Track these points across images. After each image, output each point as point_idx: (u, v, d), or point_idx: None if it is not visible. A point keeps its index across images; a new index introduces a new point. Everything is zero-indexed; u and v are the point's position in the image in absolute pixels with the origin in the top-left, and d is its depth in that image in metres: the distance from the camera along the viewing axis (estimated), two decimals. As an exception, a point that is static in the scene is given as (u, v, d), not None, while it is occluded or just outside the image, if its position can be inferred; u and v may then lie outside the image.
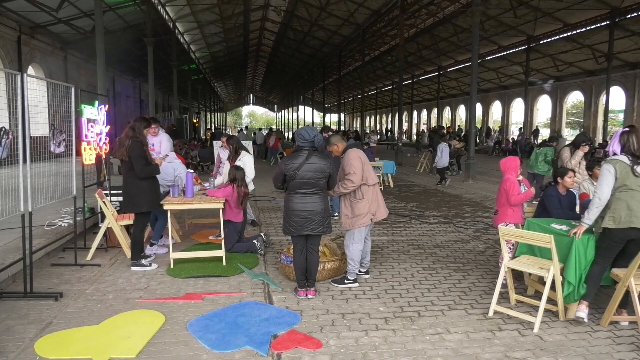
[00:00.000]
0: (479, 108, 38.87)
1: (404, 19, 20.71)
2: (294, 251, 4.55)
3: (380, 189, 12.39)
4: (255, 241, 5.93)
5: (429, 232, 7.40)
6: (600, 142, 21.36)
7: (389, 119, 56.29)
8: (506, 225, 4.55)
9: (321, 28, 29.82)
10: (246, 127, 33.59)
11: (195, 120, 33.00)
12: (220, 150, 7.57)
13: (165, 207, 5.34)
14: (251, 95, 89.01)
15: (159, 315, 3.98)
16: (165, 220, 5.62)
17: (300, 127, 4.86)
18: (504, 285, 4.38)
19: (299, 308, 4.22)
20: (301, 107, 59.00)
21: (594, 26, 21.23)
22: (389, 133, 46.70)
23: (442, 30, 26.25)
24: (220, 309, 4.16)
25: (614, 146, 3.88)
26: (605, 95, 22.40)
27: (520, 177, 4.76)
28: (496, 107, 38.74)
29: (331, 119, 73.43)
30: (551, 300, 4.03)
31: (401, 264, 5.60)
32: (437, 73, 36.62)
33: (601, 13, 20.04)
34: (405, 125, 48.90)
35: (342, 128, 44.76)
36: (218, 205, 5.48)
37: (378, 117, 64.67)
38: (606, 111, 22.54)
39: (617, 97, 25.46)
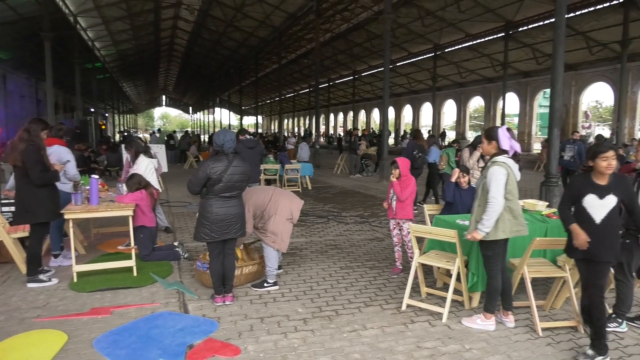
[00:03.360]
0: (391, 111, 40.65)
1: (319, 23, 21.08)
2: (210, 257, 4.41)
3: (298, 190, 12.47)
4: (177, 248, 5.71)
5: (346, 232, 7.58)
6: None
7: (307, 121, 56.95)
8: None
9: (237, 29, 29.42)
10: (159, 129, 32.10)
11: (101, 123, 30.89)
12: (129, 155, 7.17)
13: (66, 217, 4.92)
14: (164, 96, 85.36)
15: (60, 335, 3.66)
16: (61, 228, 5.22)
17: (217, 130, 4.74)
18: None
19: (217, 315, 4.11)
20: (217, 109, 57.72)
21: (491, 37, 23.13)
22: (309, 135, 47.17)
23: (356, 35, 27.09)
24: (131, 322, 3.93)
25: (512, 143, 3.69)
26: (502, 101, 24.52)
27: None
28: (407, 111, 40.77)
29: (249, 121, 72.68)
30: (457, 291, 4.31)
31: (319, 265, 5.67)
32: (352, 77, 37.72)
33: (497, 25, 21.89)
34: (322, 128, 49.74)
35: (259, 131, 44.42)
36: (127, 212, 5.17)
37: (296, 119, 65.18)
38: (503, 115, 24.67)
39: (512, 103, 27.98)
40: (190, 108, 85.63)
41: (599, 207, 3.28)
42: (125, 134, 30.70)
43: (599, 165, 3.25)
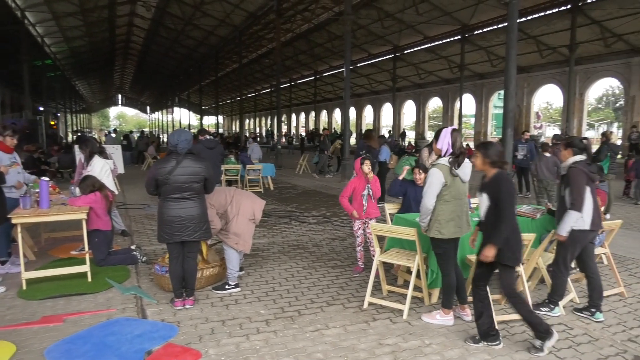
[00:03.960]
0: (352, 112, 41.03)
1: (280, 23, 21.00)
2: (169, 260, 4.31)
3: (260, 191, 12.37)
4: (134, 252, 5.54)
5: (309, 232, 7.58)
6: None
7: (268, 121, 56.67)
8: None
9: (196, 27, 28.90)
10: (115, 129, 31.06)
11: (52, 122, 29.56)
12: (82, 156, 6.91)
13: (14, 221, 4.68)
14: (120, 95, 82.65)
15: (7, 346, 3.47)
16: (8, 234, 4.96)
17: (174, 129, 4.68)
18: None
19: (176, 319, 4.01)
20: (176, 109, 56.48)
21: (448, 40, 23.78)
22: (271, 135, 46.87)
23: (317, 36, 27.20)
24: (85, 330, 3.78)
25: (446, 144, 3.72)
26: (459, 102, 25.26)
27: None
28: (368, 111, 41.30)
29: (209, 121, 71.52)
30: (418, 288, 4.39)
31: (282, 265, 5.65)
32: (313, 77, 37.83)
33: (454, 28, 22.53)
34: (284, 128, 49.60)
35: (220, 131, 43.80)
36: (80, 215, 4.97)
37: (257, 119, 64.72)
38: (460, 115, 25.42)
39: (468, 103, 28.86)
40: (148, 108, 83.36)
41: (481, 204, 3.58)
42: (79, 134, 29.45)
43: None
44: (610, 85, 52.35)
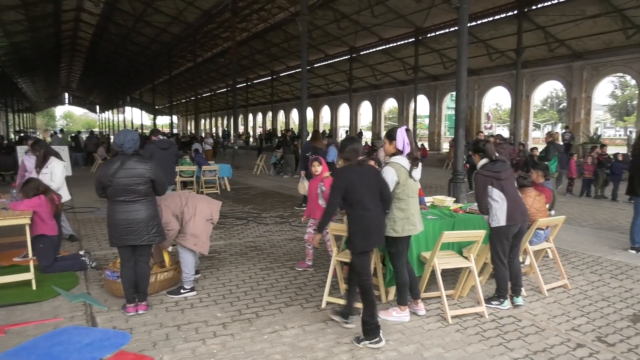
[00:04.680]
0: (310, 112, 41.15)
1: (235, 22, 20.76)
2: (120, 264, 4.16)
3: (217, 192, 12.18)
4: (83, 257, 5.30)
5: (266, 232, 7.53)
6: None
7: (225, 121, 55.87)
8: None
9: (148, 24, 28.02)
10: (61, 129, 29.59)
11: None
12: (25, 157, 6.54)
13: (-52, 227, 4.38)
14: (67, 94, 78.95)
15: (-58, 360, 3.24)
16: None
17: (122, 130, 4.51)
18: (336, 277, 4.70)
19: (129, 326, 3.88)
20: (128, 109, 54.65)
21: (403, 42, 24.26)
22: (227, 136, 46.18)
23: (273, 35, 27.05)
24: (30, 340, 3.58)
25: (405, 144, 3.79)
26: (413, 103, 25.83)
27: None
28: (325, 112, 41.53)
29: (163, 121, 69.62)
30: (375, 286, 4.45)
31: (239, 267, 5.57)
32: (270, 77, 37.62)
33: (408, 31, 23.00)
34: (241, 128, 49.06)
35: (174, 131, 42.76)
36: (23, 220, 4.71)
37: (214, 119, 63.66)
38: (415, 116, 26.03)
39: (423, 104, 29.63)
40: (98, 107, 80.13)
41: None
42: (21, 134, 27.84)
43: None
44: (554, 88, 55.29)
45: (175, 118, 68.94)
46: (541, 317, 4.14)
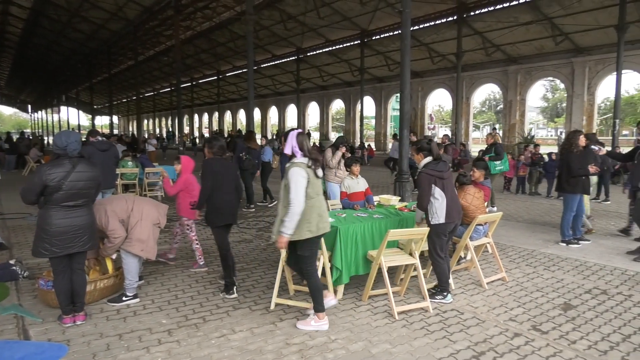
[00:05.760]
0: (257, 113, 40.80)
1: (179, 19, 20.21)
2: (55, 274, 3.91)
3: (162, 195, 11.80)
4: (14, 267, 4.94)
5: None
6: (358, 143, 24.91)
7: (169, 122, 54.24)
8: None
9: (84, 20, 26.67)
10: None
11: None
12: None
13: None
14: (-6, 92, 73.60)
15: None
16: None
17: (60, 130, 4.24)
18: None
19: (66, 338, 3.67)
20: (64, 108, 51.76)
21: (349, 44, 24.61)
22: (172, 137, 44.78)
23: (219, 35, 26.60)
24: (-48, 358, 3.29)
25: (290, 147, 3.75)
26: (360, 104, 26.27)
27: None
28: (273, 112, 41.34)
29: (102, 121, 66.55)
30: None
31: (185, 272, 5.43)
32: (216, 77, 36.94)
33: (354, 33, 23.38)
34: (186, 129, 47.79)
35: (115, 132, 40.98)
36: (-56, 228, 4.33)
37: (157, 120, 61.64)
38: (361, 117, 26.44)
39: (369, 106, 30.07)
40: (30, 106, 75.20)
41: None
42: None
43: None
44: (492, 91, 58.13)
45: (115, 118, 66.09)
46: (482, 310, 4.33)
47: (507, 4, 17.19)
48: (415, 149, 4.59)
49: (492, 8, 17.90)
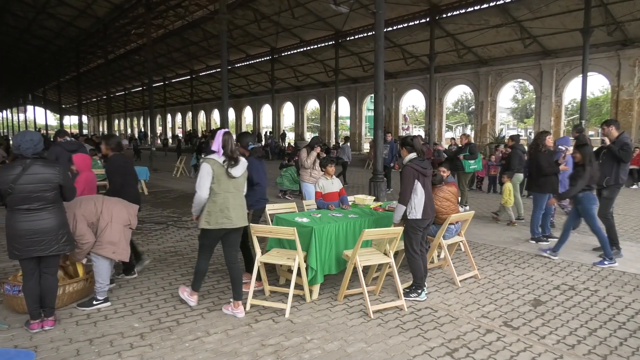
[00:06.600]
0: (232, 113, 40.43)
1: (150, 18, 19.84)
2: (23, 276, 3.80)
3: (133, 196, 11.47)
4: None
5: (187, 237, 7.28)
6: (333, 143, 24.99)
7: (141, 122, 53.19)
8: None
9: (51, 17, 25.88)
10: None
11: None
12: None
13: None
14: (-44, 90, 70.62)
15: None
16: None
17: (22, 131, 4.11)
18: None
19: (33, 344, 3.56)
20: (30, 107, 50.15)
21: (323, 44, 24.64)
22: (144, 137, 43.91)
23: (192, 34, 26.23)
24: None
25: (217, 145, 4.03)
26: (335, 104, 26.34)
27: None
28: (248, 112, 41.02)
29: (71, 121, 64.71)
30: (299, 286, 4.48)
31: (158, 274, 5.33)
32: (189, 77, 36.43)
33: (328, 34, 23.42)
34: (159, 129, 47.01)
35: (85, 132, 39.96)
36: None
37: (128, 120, 60.36)
38: (336, 117, 26.52)
39: (344, 106, 30.20)
40: (-6, 105, 72.48)
41: None
42: None
43: None
44: (464, 92, 59.18)
45: (85, 118, 64.41)
46: (455, 307, 4.40)
47: (478, 7, 17.52)
48: (399, 143, 4.81)
49: (463, 11, 18.21)
